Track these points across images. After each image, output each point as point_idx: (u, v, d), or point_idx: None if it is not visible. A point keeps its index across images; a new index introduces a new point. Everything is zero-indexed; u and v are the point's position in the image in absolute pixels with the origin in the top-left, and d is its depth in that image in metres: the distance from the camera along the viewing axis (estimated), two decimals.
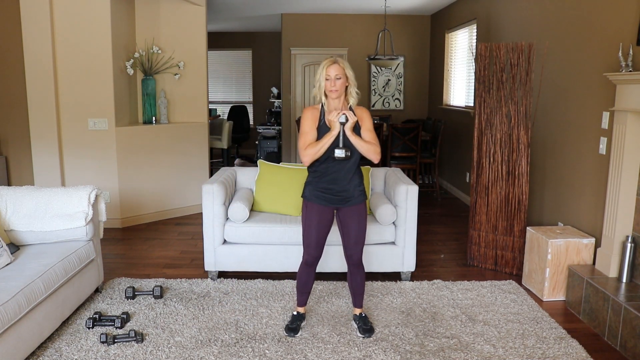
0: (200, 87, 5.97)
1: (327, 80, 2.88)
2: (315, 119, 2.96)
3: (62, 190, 3.49)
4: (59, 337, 3.02)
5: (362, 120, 2.97)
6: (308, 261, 3.08)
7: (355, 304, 3.21)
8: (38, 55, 4.94)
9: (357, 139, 2.89)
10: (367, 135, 2.95)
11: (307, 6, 7.88)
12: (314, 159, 2.91)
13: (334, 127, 2.85)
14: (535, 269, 3.79)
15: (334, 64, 2.87)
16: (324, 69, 2.88)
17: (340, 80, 2.88)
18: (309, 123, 2.95)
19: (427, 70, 8.65)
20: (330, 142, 2.86)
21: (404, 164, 6.36)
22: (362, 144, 2.90)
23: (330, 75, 2.87)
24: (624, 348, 2.97)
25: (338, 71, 2.87)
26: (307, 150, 2.89)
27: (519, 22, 5.11)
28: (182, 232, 5.25)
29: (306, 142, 2.91)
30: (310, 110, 2.99)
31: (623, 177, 3.30)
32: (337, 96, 2.91)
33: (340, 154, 2.85)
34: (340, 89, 2.89)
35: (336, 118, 2.82)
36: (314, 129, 2.94)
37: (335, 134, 2.85)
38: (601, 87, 3.63)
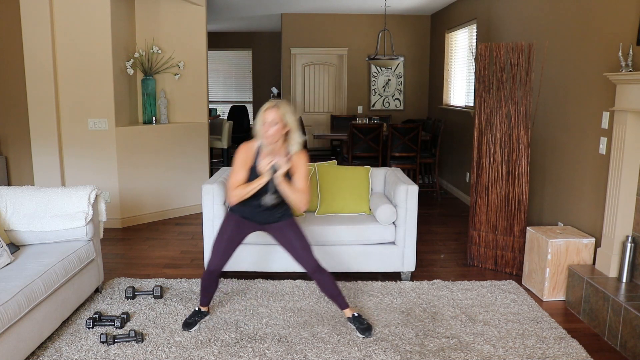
0: (200, 87, 5.97)
1: (264, 125, 2.86)
2: (248, 159, 2.97)
3: (62, 190, 3.49)
4: (59, 337, 3.02)
5: (297, 167, 2.98)
6: (211, 269, 3.11)
7: (340, 307, 3.19)
8: (38, 55, 4.94)
9: (287, 187, 2.94)
10: (297, 184, 2.99)
11: (307, 6, 7.89)
12: (240, 201, 2.98)
13: (264, 175, 2.90)
14: (535, 269, 3.79)
15: (272, 109, 2.84)
16: (262, 113, 2.87)
17: (277, 127, 2.85)
18: (240, 163, 2.98)
19: (427, 70, 8.65)
20: (258, 188, 2.93)
21: (404, 164, 6.36)
22: (290, 193, 2.95)
23: (266, 120, 2.84)
24: (624, 348, 2.97)
25: (274, 117, 2.84)
26: (236, 192, 2.95)
27: (519, 22, 5.11)
28: (182, 232, 5.25)
29: (235, 182, 2.96)
30: (245, 149, 2.99)
31: (623, 177, 3.30)
32: (270, 142, 2.90)
33: (268, 202, 2.96)
34: (275, 135, 2.86)
35: (266, 167, 2.86)
36: (246, 169, 2.97)
37: (264, 182, 2.91)
38: (601, 87, 3.63)
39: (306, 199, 2.98)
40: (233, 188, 2.95)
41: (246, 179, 2.96)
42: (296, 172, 2.99)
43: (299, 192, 2.96)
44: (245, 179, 2.96)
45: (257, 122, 2.90)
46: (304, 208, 3.01)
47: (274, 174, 2.89)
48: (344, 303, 3.18)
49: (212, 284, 3.18)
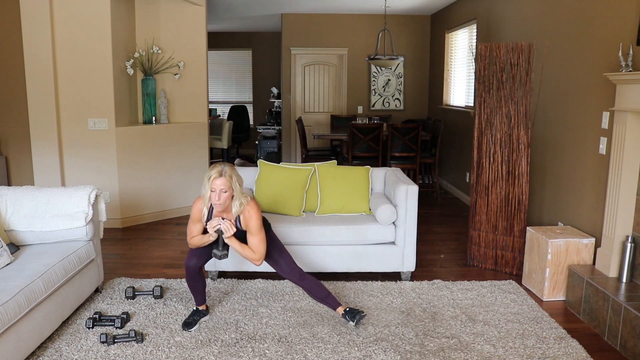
0: (200, 87, 5.97)
1: (212, 192, 2.91)
2: (201, 214, 3.09)
3: (62, 190, 3.49)
4: (59, 337, 3.02)
5: (248, 224, 3.03)
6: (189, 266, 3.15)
7: (332, 307, 3.22)
8: (38, 55, 4.94)
9: (236, 246, 3.03)
10: (250, 241, 3.06)
11: (307, 6, 7.89)
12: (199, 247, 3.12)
13: (210, 235, 3.00)
14: (535, 269, 3.79)
15: (220, 178, 2.89)
16: (210, 181, 2.90)
17: (226, 194, 2.92)
18: (196, 215, 3.10)
19: (427, 70, 8.65)
20: (209, 242, 3.05)
21: (404, 164, 6.36)
22: (240, 251, 3.05)
23: (216, 188, 2.90)
24: (624, 348, 2.97)
25: (224, 185, 2.89)
26: (192, 242, 3.12)
27: (519, 22, 5.11)
28: (182, 232, 5.25)
29: (192, 232, 3.13)
30: (199, 204, 3.09)
31: (623, 177, 3.30)
32: (219, 210, 2.99)
33: (216, 256, 3.04)
34: (224, 202, 2.94)
35: (212, 230, 2.97)
36: (200, 221, 3.10)
37: (211, 240, 3.03)
38: (601, 87, 3.63)
39: (256, 257, 3.06)
40: (189, 237, 3.14)
41: (201, 231, 3.13)
42: (247, 227, 3.05)
43: (249, 250, 3.06)
44: (200, 232, 3.12)
45: (205, 188, 2.93)
46: (258, 264, 3.09)
47: (221, 234, 3.00)
48: (335, 303, 3.21)
49: (197, 281, 3.21)
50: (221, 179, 2.88)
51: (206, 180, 2.91)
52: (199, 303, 3.27)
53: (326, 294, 3.20)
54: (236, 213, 3.00)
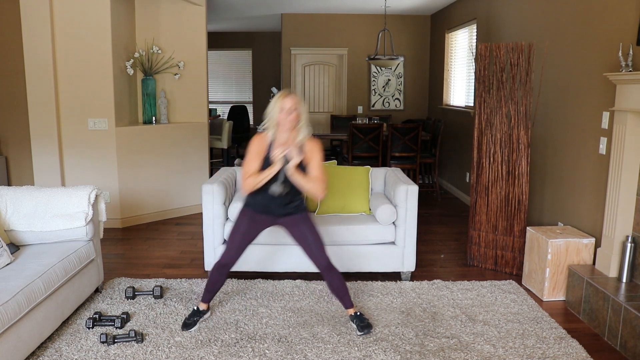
0: (200, 87, 5.97)
1: (282, 112, 2.89)
2: (262, 150, 3.00)
3: (62, 190, 3.49)
4: (59, 337, 3.02)
5: (311, 155, 2.99)
6: (223, 263, 3.13)
7: (345, 306, 3.21)
8: (38, 55, 4.94)
9: (300, 177, 2.94)
10: (312, 171, 2.99)
11: (307, 6, 7.89)
12: (252, 190, 2.99)
13: (275, 165, 2.91)
14: (535, 269, 3.79)
15: (289, 96, 2.90)
16: (279, 99, 2.90)
17: (295, 113, 2.90)
18: (254, 152, 3.01)
19: (427, 70, 8.65)
20: (269, 177, 2.94)
21: (404, 164, 6.36)
22: (304, 183, 2.96)
23: (285, 107, 2.88)
24: (624, 348, 2.97)
25: (293, 104, 2.89)
26: (248, 181, 2.98)
27: (519, 22, 5.11)
28: (182, 232, 5.25)
29: (248, 171, 2.99)
30: (259, 139, 3.01)
31: (623, 177, 3.30)
32: (289, 128, 2.93)
33: (274, 191, 2.96)
34: (293, 121, 2.91)
35: (278, 156, 2.88)
36: (258, 159, 3.00)
37: (275, 171, 2.92)
38: (601, 87, 3.63)
39: (322, 187, 2.97)
40: (245, 177, 2.97)
41: (259, 168, 2.98)
42: (311, 160, 2.99)
43: (313, 181, 2.96)
44: (258, 169, 2.98)
45: (273, 109, 2.91)
46: (322, 196, 2.99)
47: (285, 164, 2.89)
48: (349, 302, 3.20)
49: (220, 279, 3.18)
50: (290, 97, 2.88)
51: (273, 102, 2.90)
52: (206, 301, 3.24)
53: (345, 291, 3.18)
54: (302, 140, 2.96)
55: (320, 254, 3.11)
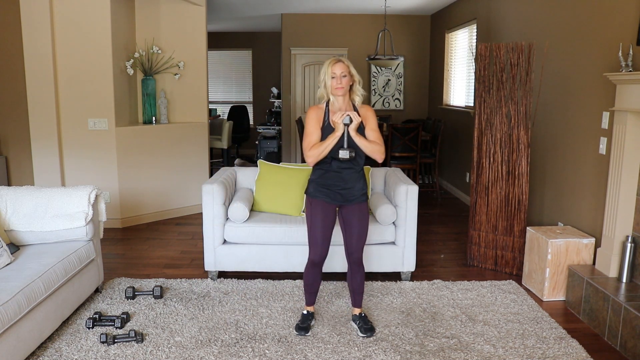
0: (200, 87, 5.97)
1: (333, 79, 2.89)
2: (319, 119, 2.97)
3: (62, 190, 3.49)
4: (59, 337, 3.02)
5: (367, 119, 2.98)
6: (315, 260, 3.07)
7: (354, 304, 3.21)
8: (38, 55, 4.94)
9: (362, 140, 2.89)
10: (371, 135, 2.96)
11: (307, 6, 7.88)
12: (318, 160, 2.93)
13: (338, 129, 2.85)
14: (535, 269, 3.79)
15: (338, 62, 2.91)
16: (329, 67, 2.90)
17: (346, 78, 2.90)
18: (313, 123, 2.96)
19: (427, 70, 8.65)
20: (334, 143, 2.87)
21: (404, 164, 6.36)
22: (366, 144, 2.91)
23: (336, 73, 2.89)
24: (624, 348, 2.97)
25: (343, 69, 2.90)
26: (312, 151, 2.91)
27: (519, 22, 5.11)
28: (182, 232, 5.25)
29: (310, 142, 2.93)
30: (315, 110, 2.99)
31: (623, 177, 3.30)
32: (342, 94, 2.92)
33: (344, 155, 2.86)
34: (346, 86, 2.91)
35: (340, 119, 2.82)
36: (318, 129, 2.95)
37: (339, 135, 2.86)
38: (601, 87, 3.63)
39: (382, 150, 2.94)
40: (308, 149, 2.92)
41: (320, 138, 2.95)
42: (367, 124, 2.98)
43: (373, 143, 2.94)
44: (319, 139, 2.93)
45: (325, 77, 2.91)
46: (381, 159, 2.96)
47: (347, 127, 2.85)
48: (360, 302, 3.20)
49: (317, 279, 3.14)
50: (340, 63, 2.89)
51: (324, 70, 2.91)
52: (310, 303, 3.20)
53: (362, 291, 3.18)
54: (360, 101, 2.97)
55: (358, 246, 3.07)
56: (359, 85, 2.97)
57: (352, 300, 3.22)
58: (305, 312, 3.21)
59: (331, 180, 2.98)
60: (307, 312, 3.21)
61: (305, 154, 2.96)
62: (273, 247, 3.87)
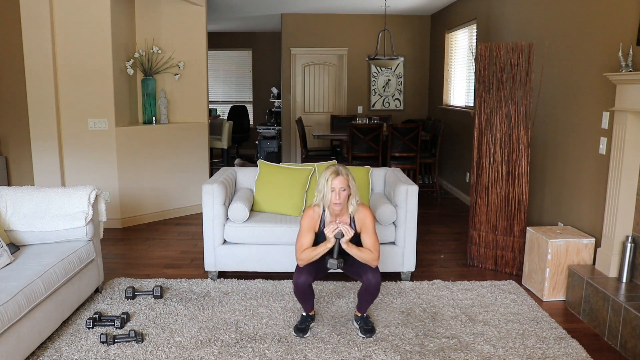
0: (200, 87, 5.97)
1: (332, 192, 2.91)
2: (314, 224, 3.05)
3: (62, 190, 3.49)
4: (59, 337, 3.02)
5: (364, 224, 3.03)
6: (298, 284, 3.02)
7: (359, 309, 3.20)
8: (38, 55, 4.94)
9: (354, 250, 2.97)
10: (366, 242, 3.02)
11: (307, 6, 7.89)
12: (308, 263, 3.02)
13: (329, 241, 2.93)
14: (535, 269, 3.79)
15: (338, 176, 2.91)
16: (330, 180, 2.91)
17: (345, 192, 2.93)
18: (307, 226, 3.04)
19: (427, 70, 8.65)
20: (324, 252, 2.97)
21: (404, 164, 6.36)
22: (359, 255, 2.98)
23: (336, 187, 2.90)
24: (624, 348, 2.97)
25: (343, 183, 2.91)
26: (303, 255, 3.01)
27: (519, 22, 5.11)
28: (182, 232, 5.25)
29: (302, 245, 3.03)
30: (311, 214, 3.04)
31: (623, 177, 3.30)
32: (340, 209, 2.97)
33: (332, 266, 2.96)
34: (344, 200, 2.94)
35: (332, 234, 2.89)
36: (312, 232, 3.03)
37: (330, 246, 2.94)
38: (601, 87, 3.63)
39: (375, 258, 3.00)
40: (300, 252, 3.03)
41: (312, 242, 3.03)
42: (363, 229, 3.04)
43: (367, 252, 3.00)
44: (311, 243, 3.04)
45: (324, 190, 2.93)
46: (376, 264, 3.02)
47: (339, 240, 2.93)
48: (366, 308, 3.18)
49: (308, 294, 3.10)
50: (339, 177, 2.91)
51: (323, 182, 2.92)
52: (308, 310, 3.21)
53: (370, 303, 3.16)
54: (353, 212, 3.00)
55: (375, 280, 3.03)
56: (355, 195, 2.99)
57: (358, 305, 3.20)
58: (305, 314, 3.21)
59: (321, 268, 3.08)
60: (306, 314, 3.20)
61: (297, 254, 3.05)
62: (273, 247, 3.87)
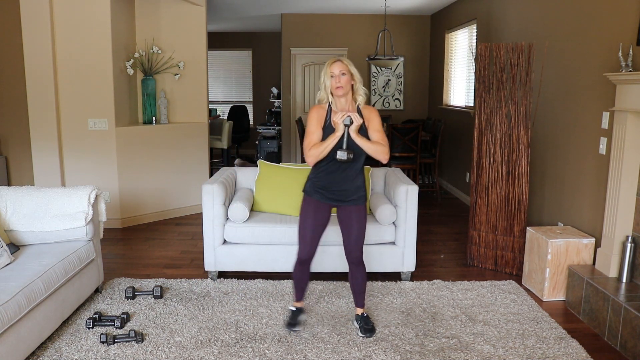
0: (200, 87, 5.97)
1: (332, 78, 2.88)
2: (321, 118, 2.94)
3: (62, 190, 3.49)
4: (59, 337, 3.02)
5: (370, 120, 2.95)
6: (302, 258, 3.07)
7: (356, 304, 3.21)
8: (38, 55, 4.94)
9: (363, 141, 2.86)
10: (374, 136, 2.92)
11: (307, 6, 7.89)
12: (317, 160, 2.90)
13: (338, 129, 2.83)
14: (535, 269, 3.79)
15: (337, 62, 2.89)
16: (328, 67, 2.90)
17: (345, 77, 2.87)
18: (314, 123, 2.94)
19: (427, 70, 8.65)
20: (334, 143, 2.84)
21: (404, 164, 6.36)
22: (369, 145, 2.87)
23: (335, 72, 2.87)
24: (624, 348, 2.97)
25: (342, 68, 2.87)
26: (312, 151, 2.88)
27: (519, 22, 5.11)
28: (182, 232, 5.25)
29: (311, 142, 2.91)
30: (317, 109, 2.97)
31: (623, 177, 3.30)
32: (343, 93, 2.89)
33: (342, 157, 2.82)
34: (345, 85, 2.88)
35: (340, 120, 2.80)
36: (320, 129, 2.92)
37: (339, 135, 2.83)
38: (601, 87, 3.63)
39: (385, 150, 2.89)
40: (309, 148, 2.90)
41: (320, 138, 2.92)
42: (370, 125, 2.94)
43: (376, 144, 2.90)
44: (319, 139, 2.90)
45: (324, 77, 2.91)
46: (385, 159, 2.92)
47: (348, 128, 2.82)
48: (362, 302, 3.19)
49: (304, 276, 3.14)
50: (337, 62, 2.88)
51: (324, 70, 2.90)
52: (299, 299, 3.20)
53: (364, 290, 3.17)
54: (362, 101, 2.94)
55: (357, 246, 3.05)
56: (360, 85, 2.94)
57: (355, 300, 3.21)
58: (294, 308, 3.21)
59: (329, 181, 2.96)
60: (295, 309, 3.21)
61: (305, 153, 2.94)
62: (273, 247, 3.87)
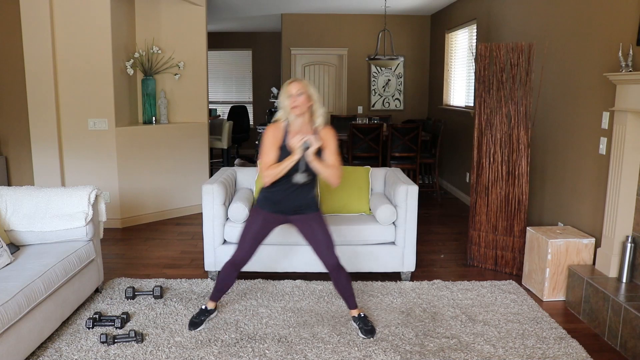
0: (200, 87, 5.97)
1: (289, 97, 2.88)
2: (277, 138, 2.96)
3: (62, 190, 3.49)
4: (59, 337, 3.02)
5: (326, 142, 2.97)
6: (236, 261, 3.10)
7: (349, 306, 3.19)
8: (38, 55, 4.94)
9: (319, 164, 2.91)
10: (329, 159, 2.97)
11: (307, 6, 7.89)
12: (274, 180, 2.95)
13: (295, 152, 2.87)
14: (535, 269, 3.79)
15: (294, 82, 2.91)
16: (286, 87, 2.91)
17: (302, 97, 2.88)
18: (270, 142, 2.96)
19: (427, 70, 8.65)
20: (290, 165, 2.90)
21: (404, 164, 6.36)
22: (323, 169, 2.92)
23: (292, 92, 2.88)
24: (624, 348, 2.97)
25: (299, 87, 2.88)
26: (268, 172, 2.94)
27: (519, 22, 5.11)
28: (182, 232, 5.25)
29: (267, 163, 2.95)
30: (273, 129, 2.98)
31: (623, 177, 3.30)
32: (300, 112, 2.90)
33: (299, 179, 2.91)
34: (302, 105, 2.88)
35: (298, 144, 2.83)
36: (275, 149, 2.95)
37: (296, 159, 2.88)
38: (601, 87, 3.63)
39: (339, 174, 2.95)
40: (265, 168, 2.94)
41: (277, 158, 2.94)
42: (326, 147, 2.97)
43: (331, 167, 2.94)
44: (276, 159, 2.93)
45: (282, 97, 2.92)
46: (337, 183, 2.96)
47: (305, 151, 2.85)
48: (353, 303, 3.18)
49: (230, 278, 3.15)
50: (295, 82, 2.90)
51: (282, 90, 2.92)
52: (214, 299, 3.22)
53: (351, 292, 3.16)
54: (321, 123, 2.96)
55: (329, 253, 3.07)
56: (319, 106, 2.95)
57: (347, 304, 3.20)
58: (204, 307, 3.22)
59: (282, 196, 3.02)
60: (205, 308, 3.21)
61: (261, 173, 2.99)
62: (273, 247, 3.87)
